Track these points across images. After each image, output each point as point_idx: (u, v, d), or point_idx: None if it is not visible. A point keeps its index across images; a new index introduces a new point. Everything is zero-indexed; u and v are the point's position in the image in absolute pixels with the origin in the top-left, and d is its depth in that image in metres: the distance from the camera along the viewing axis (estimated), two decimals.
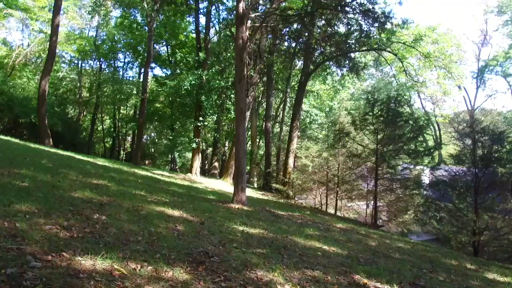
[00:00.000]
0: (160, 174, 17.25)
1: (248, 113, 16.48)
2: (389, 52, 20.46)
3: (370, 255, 5.68)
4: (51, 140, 18.36)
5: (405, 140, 15.14)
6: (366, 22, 16.44)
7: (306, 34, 18.43)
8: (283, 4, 15.45)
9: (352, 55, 19.83)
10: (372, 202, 15.32)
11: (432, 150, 16.87)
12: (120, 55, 32.87)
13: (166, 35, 26.37)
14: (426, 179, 16.28)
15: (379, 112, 15.23)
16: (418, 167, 16.14)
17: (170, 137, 27.38)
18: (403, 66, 20.78)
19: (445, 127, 33.76)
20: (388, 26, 16.65)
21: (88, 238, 3.81)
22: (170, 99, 24.50)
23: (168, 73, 27.20)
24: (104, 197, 6.32)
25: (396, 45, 21.73)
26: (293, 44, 21.15)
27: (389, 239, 8.41)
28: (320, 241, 6.19)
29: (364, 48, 18.83)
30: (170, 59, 28.41)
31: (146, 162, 33.55)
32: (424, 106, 35.17)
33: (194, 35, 24.52)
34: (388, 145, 15.29)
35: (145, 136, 33.79)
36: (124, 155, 35.89)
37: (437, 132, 35.46)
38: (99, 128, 35.75)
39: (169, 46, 28.55)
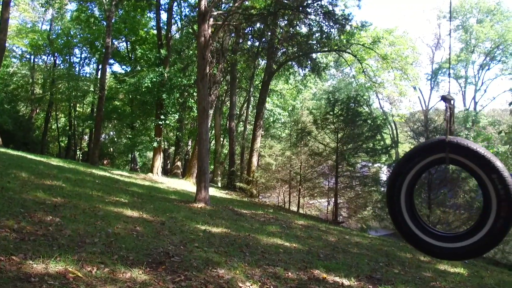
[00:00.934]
0: (119, 174, 16.74)
1: (211, 112, 16.36)
2: (349, 53, 21.03)
3: (330, 251, 5.82)
4: (0, 139, 17.34)
5: (364, 138, 15.68)
6: (326, 23, 16.87)
7: (269, 33, 18.57)
8: (246, 2, 15.46)
9: (314, 55, 20.20)
10: (333, 199, 15.73)
11: (389, 149, 17.58)
12: (76, 51, 31.43)
13: (126, 30, 25.52)
14: (383, 176, 16.92)
15: (339, 112, 15.66)
16: (376, 165, 16.72)
17: (130, 136, 26.59)
18: (362, 67, 21.41)
19: (401, 126, 35.12)
20: (348, 28, 17.19)
21: (40, 241, 3.63)
22: (130, 96, 23.76)
23: (128, 70, 26.42)
24: (58, 198, 6.04)
25: (356, 47, 22.35)
26: (256, 44, 21.23)
27: (348, 234, 8.66)
28: (281, 238, 6.27)
29: (325, 49, 19.25)
30: (130, 55, 27.59)
31: (105, 162, 32.38)
32: (382, 106, 36.41)
33: (155, 32, 23.94)
34: (348, 144, 15.75)
35: (103, 135, 32.51)
36: (80, 155, 34.44)
37: (394, 131, 36.85)
38: (53, 127, 34.03)
39: (128, 42, 27.69)
